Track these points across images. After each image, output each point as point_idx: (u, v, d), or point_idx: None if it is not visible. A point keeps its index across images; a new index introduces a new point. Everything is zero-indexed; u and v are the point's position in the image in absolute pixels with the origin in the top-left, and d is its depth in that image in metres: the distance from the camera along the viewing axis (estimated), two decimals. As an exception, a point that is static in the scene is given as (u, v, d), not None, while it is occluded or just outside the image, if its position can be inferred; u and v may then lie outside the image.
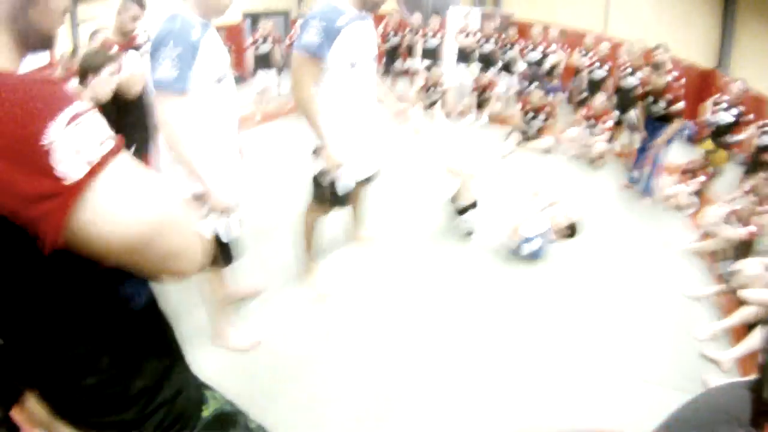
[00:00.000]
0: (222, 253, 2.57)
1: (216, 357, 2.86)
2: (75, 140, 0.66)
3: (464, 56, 9.27)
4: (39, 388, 0.92)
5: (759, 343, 3.07)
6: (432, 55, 9.19)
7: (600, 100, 6.96)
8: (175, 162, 2.21)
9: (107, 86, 3.04)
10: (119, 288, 0.87)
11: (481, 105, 8.78)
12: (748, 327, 3.46)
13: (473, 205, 4.20)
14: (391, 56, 9.61)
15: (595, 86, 8.02)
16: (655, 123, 5.76)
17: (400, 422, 2.59)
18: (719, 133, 6.30)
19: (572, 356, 3.15)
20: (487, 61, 9.13)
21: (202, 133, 2.24)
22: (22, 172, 0.63)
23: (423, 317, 3.39)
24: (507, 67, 9.02)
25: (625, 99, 6.91)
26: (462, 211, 4.22)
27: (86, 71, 3.04)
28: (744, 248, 4.33)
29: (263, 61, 8.36)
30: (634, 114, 6.54)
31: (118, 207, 0.70)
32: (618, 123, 7.19)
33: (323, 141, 2.87)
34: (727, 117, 6.24)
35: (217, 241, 2.48)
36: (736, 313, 3.46)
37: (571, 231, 4.27)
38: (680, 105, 5.44)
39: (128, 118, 3.18)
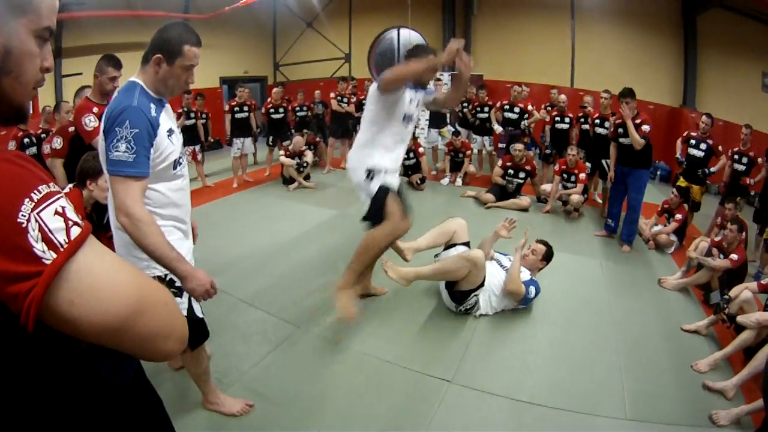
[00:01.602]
0: (191, 334, 2.42)
1: (208, 422, 2.75)
2: (48, 221, 0.68)
3: (437, 120, 9.40)
4: None
5: (762, 364, 3.02)
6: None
7: (572, 153, 7.09)
8: (126, 245, 2.03)
9: (105, 192, 3.06)
10: (102, 366, 0.86)
11: (455, 168, 8.87)
12: (745, 352, 3.44)
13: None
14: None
15: (559, 139, 8.15)
16: (624, 168, 5.87)
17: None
18: (692, 168, 6.42)
19: (577, 403, 3.06)
20: (459, 124, 9.27)
21: (161, 214, 2.14)
22: (1, 251, 0.64)
23: (413, 376, 3.28)
24: (479, 129, 9.10)
25: (597, 149, 7.08)
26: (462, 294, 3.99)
27: (85, 176, 3.07)
28: (731, 277, 4.35)
29: (240, 128, 8.45)
30: (605, 163, 6.67)
31: (97, 287, 0.70)
32: (592, 173, 7.34)
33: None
34: (697, 152, 6.37)
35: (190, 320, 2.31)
36: (735, 340, 3.45)
37: (547, 260, 4.29)
38: (647, 127, 5.54)
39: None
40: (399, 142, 3.54)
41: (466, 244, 4.32)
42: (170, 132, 2.10)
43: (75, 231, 0.70)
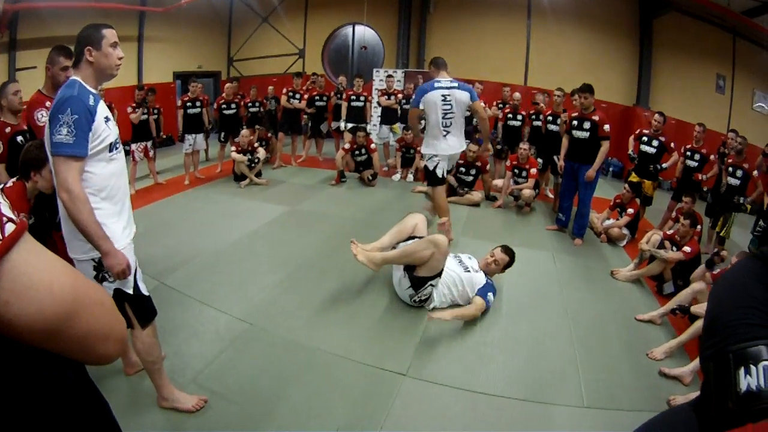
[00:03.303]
0: (141, 310, 2.52)
1: (165, 423, 2.66)
2: None
3: (388, 117, 9.41)
4: None
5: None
6: (357, 116, 9.20)
7: (524, 147, 7.17)
8: (74, 229, 2.22)
9: (50, 183, 2.93)
10: (43, 368, 0.84)
11: (406, 163, 8.90)
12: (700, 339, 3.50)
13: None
14: (317, 119, 9.58)
15: (511, 136, 8.25)
16: (575, 164, 5.95)
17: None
18: (644, 164, 6.56)
19: (534, 393, 3.07)
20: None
21: (99, 197, 2.30)
22: None
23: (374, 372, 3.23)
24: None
25: (549, 145, 7.19)
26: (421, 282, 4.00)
27: (29, 167, 2.98)
28: (684, 268, 4.45)
29: (192, 124, 8.21)
30: (557, 159, 6.77)
31: (32, 287, 0.66)
32: (543, 169, 7.44)
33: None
34: (648, 149, 6.51)
35: (134, 299, 2.46)
36: (690, 329, 3.49)
37: (508, 267, 4.29)
38: (607, 127, 5.65)
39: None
40: None
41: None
42: (107, 119, 2.31)
43: (9, 228, 0.66)
